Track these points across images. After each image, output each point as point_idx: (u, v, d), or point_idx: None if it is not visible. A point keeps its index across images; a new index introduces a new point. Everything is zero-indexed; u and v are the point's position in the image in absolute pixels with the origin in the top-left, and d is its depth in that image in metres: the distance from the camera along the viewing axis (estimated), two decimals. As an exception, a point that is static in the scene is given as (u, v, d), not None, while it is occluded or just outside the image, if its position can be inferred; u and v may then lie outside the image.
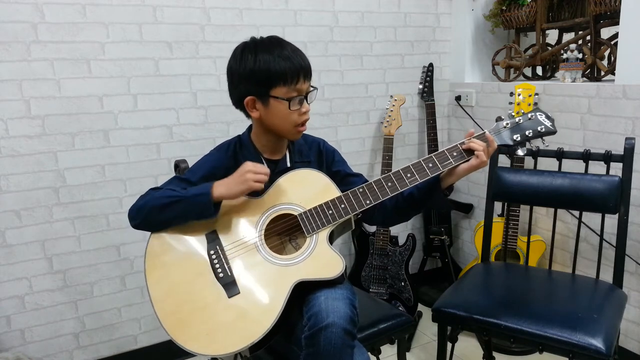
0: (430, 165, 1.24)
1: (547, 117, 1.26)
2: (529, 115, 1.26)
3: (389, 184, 1.25)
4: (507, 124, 1.26)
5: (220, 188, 1.24)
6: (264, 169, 1.25)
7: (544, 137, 1.26)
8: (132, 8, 1.93)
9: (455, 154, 1.23)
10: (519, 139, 1.25)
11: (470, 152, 1.23)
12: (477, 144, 1.21)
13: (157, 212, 1.26)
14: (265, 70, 1.23)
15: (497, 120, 1.28)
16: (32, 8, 1.78)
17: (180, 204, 1.24)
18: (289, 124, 1.29)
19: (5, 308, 1.91)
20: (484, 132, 1.25)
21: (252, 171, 1.23)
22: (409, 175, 1.24)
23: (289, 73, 1.23)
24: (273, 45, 1.26)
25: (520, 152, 1.26)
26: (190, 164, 1.44)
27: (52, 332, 2.00)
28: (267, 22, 2.18)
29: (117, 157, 2.00)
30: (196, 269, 1.25)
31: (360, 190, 1.26)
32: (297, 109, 1.27)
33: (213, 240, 1.28)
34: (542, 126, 1.25)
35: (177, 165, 1.53)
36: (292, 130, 1.30)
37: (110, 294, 2.08)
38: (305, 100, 1.28)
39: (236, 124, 2.16)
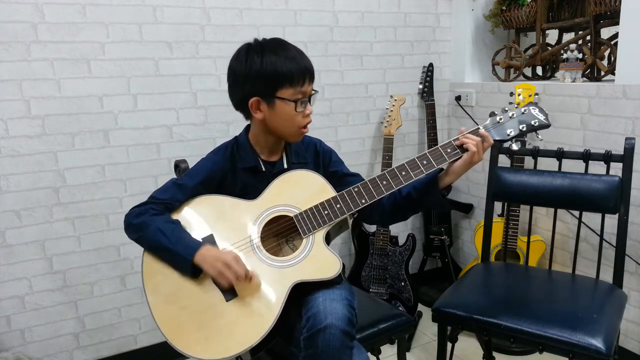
0: (425, 162, 1.23)
1: (541, 110, 1.25)
2: (523, 110, 1.25)
3: (384, 182, 1.25)
4: (501, 118, 1.25)
5: (202, 259, 1.21)
6: (240, 270, 1.19)
7: (538, 131, 1.25)
8: (132, 8, 1.93)
9: (449, 150, 1.22)
10: (512, 133, 1.24)
11: (464, 148, 1.22)
12: (469, 138, 1.20)
13: (145, 246, 1.28)
14: (272, 71, 1.23)
15: (490, 116, 1.27)
16: (32, 8, 1.78)
17: (164, 253, 1.25)
18: (293, 126, 1.29)
19: (5, 308, 1.91)
20: (478, 128, 1.24)
21: (228, 264, 1.19)
22: (403, 173, 1.24)
23: (295, 74, 1.23)
24: (278, 47, 1.26)
25: (514, 147, 1.26)
26: (190, 164, 1.44)
27: (52, 332, 2.00)
28: (267, 22, 2.18)
29: (117, 157, 2.00)
30: None
31: (356, 189, 1.26)
32: (302, 111, 1.28)
33: (210, 244, 1.27)
34: (536, 120, 1.24)
35: (177, 166, 1.53)
36: (295, 132, 1.31)
37: (110, 294, 2.08)
38: (308, 103, 1.29)
39: (236, 124, 2.16)
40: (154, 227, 1.25)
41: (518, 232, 2.15)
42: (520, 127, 1.23)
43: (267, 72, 1.23)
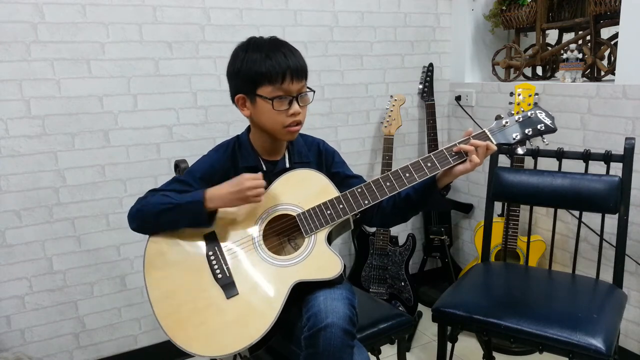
0: (429, 164, 1.22)
1: (548, 115, 1.24)
2: (529, 114, 1.24)
3: (388, 183, 1.24)
4: (507, 122, 1.24)
5: (214, 199, 1.24)
6: (261, 181, 1.24)
7: (544, 136, 1.25)
8: (132, 8, 1.93)
9: (454, 152, 1.22)
10: (518, 137, 1.23)
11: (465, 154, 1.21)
12: (469, 147, 1.19)
13: (152, 218, 1.28)
14: (251, 68, 1.23)
15: (496, 119, 1.26)
16: (32, 8, 1.78)
17: (174, 211, 1.25)
18: (276, 125, 1.27)
19: (5, 308, 1.91)
20: (483, 131, 1.24)
21: (251, 187, 1.22)
22: (407, 174, 1.23)
23: (273, 72, 1.22)
24: (265, 45, 1.25)
25: (520, 151, 1.25)
26: (190, 164, 1.44)
27: (52, 332, 2.00)
28: (267, 22, 2.18)
29: (117, 157, 2.00)
30: (194, 270, 1.26)
31: (359, 190, 1.26)
32: (285, 109, 1.25)
33: (211, 241, 1.28)
34: (542, 124, 1.23)
35: (177, 165, 1.53)
36: (281, 131, 1.28)
37: (110, 294, 2.08)
38: (295, 102, 1.26)
39: (236, 124, 2.16)
40: (157, 196, 1.28)
41: (518, 232, 2.15)
42: (526, 131, 1.22)
43: (247, 69, 1.24)
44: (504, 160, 2.21)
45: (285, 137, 1.32)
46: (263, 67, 1.22)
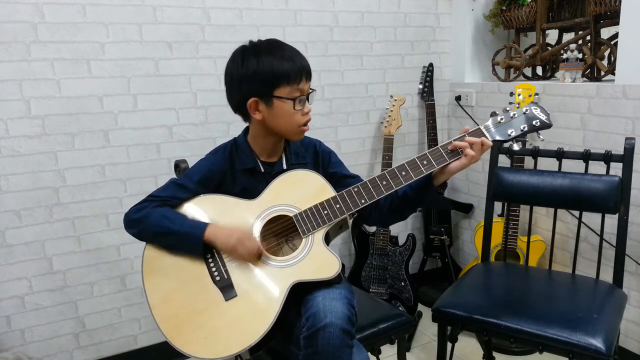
0: (425, 162, 1.22)
1: (543, 110, 1.24)
2: (524, 110, 1.24)
3: (384, 182, 1.24)
4: (502, 118, 1.24)
5: (211, 237, 1.24)
6: (255, 246, 1.23)
7: (539, 132, 1.24)
8: (132, 8, 1.93)
9: (449, 149, 1.22)
10: (513, 133, 1.22)
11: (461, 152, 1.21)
12: (464, 144, 1.20)
13: (149, 236, 1.29)
14: (269, 70, 1.23)
15: (491, 116, 1.25)
16: (32, 8, 1.78)
17: (171, 237, 1.25)
18: (293, 125, 1.29)
19: (5, 308, 1.91)
20: (479, 128, 1.24)
21: (243, 247, 1.22)
22: (403, 173, 1.23)
23: (292, 73, 1.24)
24: (273, 47, 1.27)
25: (515, 147, 1.25)
26: (190, 164, 1.44)
27: (52, 332, 2.00)
28: (267, 22, 2.18)
29: (117, 157, 2.00)
30: (193, 273, 1.26)
31: (355, 189, 1.26)
32: (300, 109, 1.28)
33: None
34: (537, 120, 1.23)
35: (177, 165, 1.53)
36: (295, 131, 1.31)
37: (110, 294, 2.08)
38: (307, 101, 1.29)
39: (236, 124, 2.13)
40: (157, 215, 1.27)
41: (518, 232, 2.15)
42: (522, 127, 1.22)
43: (264, 71, 1.24)
44: (503, 160, 2.21)
45: (298, 137, 1.35)
46: (282, 68, 1.23)
